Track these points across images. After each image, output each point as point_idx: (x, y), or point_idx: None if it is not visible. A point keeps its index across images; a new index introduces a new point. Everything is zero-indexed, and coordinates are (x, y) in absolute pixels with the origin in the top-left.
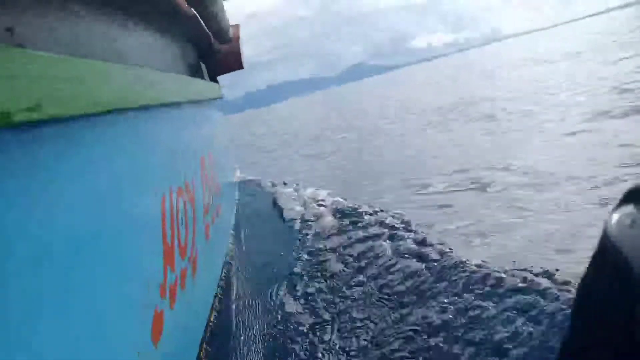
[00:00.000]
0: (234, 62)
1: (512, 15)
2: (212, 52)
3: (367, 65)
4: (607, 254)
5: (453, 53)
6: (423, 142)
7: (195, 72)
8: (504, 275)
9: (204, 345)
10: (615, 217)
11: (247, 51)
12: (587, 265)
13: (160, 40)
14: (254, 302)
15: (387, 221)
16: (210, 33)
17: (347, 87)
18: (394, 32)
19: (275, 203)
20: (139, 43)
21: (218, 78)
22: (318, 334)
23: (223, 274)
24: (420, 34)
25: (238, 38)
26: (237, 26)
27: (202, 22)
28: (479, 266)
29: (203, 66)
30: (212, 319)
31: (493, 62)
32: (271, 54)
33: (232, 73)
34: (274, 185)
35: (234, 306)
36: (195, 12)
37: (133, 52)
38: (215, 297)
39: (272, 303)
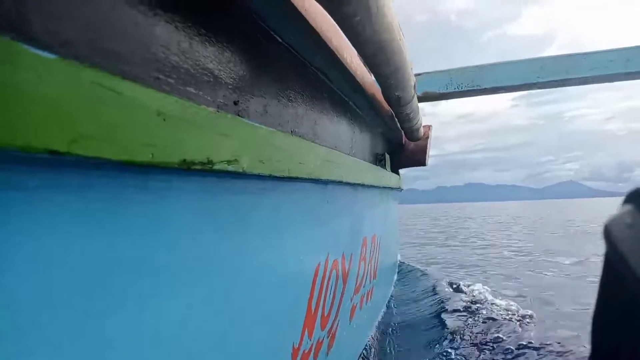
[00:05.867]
0: (418, 159)
1: None
2: (401, 147)
3: (580, 184)
4: (607, 254)
5: None
6: None
7: (379, 161)
8: None
9: None
10: (616, 217)
11: (455, 148)
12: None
13: (356, 130)
14: None
15: None
16: (402, 130)
17: (551, 203)
18: (619, 157)
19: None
20: (335, 128)
21: (401, 171)
22: None
23: None
24: None
25: (427, 137)
26: (428, 127)
27: (396, 120)
28: None
29: (388, 157)
30: None
31: None
32: (477, 154)
33: (432, 166)
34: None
35: None
36: (393, 112)
37: (329, 135)
38: None
39: None
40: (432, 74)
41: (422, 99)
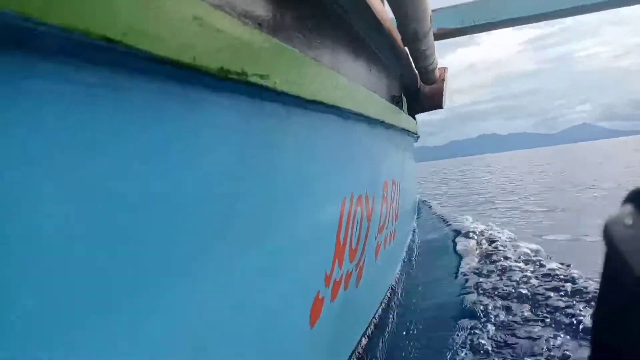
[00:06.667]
0: (435, 102)
1: None
2: (417, 89)
3: (594, 126)
4: (607, 254)
5: None
6: None
7: (396, 103)
8: None
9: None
10: (616, 217)
11: (465, 99)
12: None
13: (373, 68)
14: (410, 333)
15: None
16: (417, 72)
17: (566, 147)
18: (633, 94)
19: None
20: (353, 64)
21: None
22: None
23: (385, 299)
24: None
25: (443, 80)
26: (444, 68)
27: (411, 61)
28: None
29: (404, 100)
30: (367, 331)
31: None
32: (487, 104)
33: (442, 121)
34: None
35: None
36: (407, 51)
37: (347, 70)
38: (374, 315)
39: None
40: (445, 10)
41: (437, 36)
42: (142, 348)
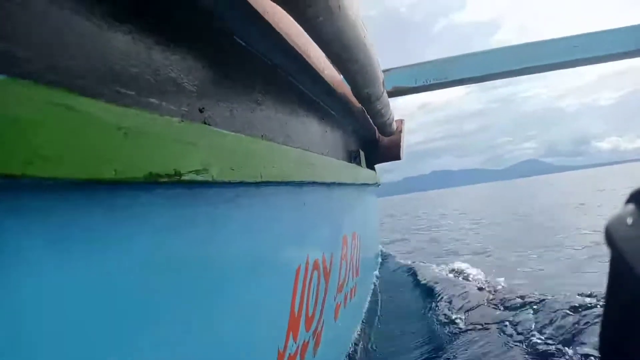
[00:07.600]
0: (392, 153)
1: None
2: (375, 142)
3: (540, 162)
4: (609, 254)
5: None
6: None
7: (354, 159)
8: None
9: None
10: (618, 217)
11: (418, 138)
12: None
13: (328, 128)
14: None
15: None
16: (375, 126)
17: (514, 182)
18: (575, 131)
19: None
20: (306, 129)
21: (376, 166)
22: None
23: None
24: (605, 135)
25: (400, 131)
26: (400, 121)
27: (368, 117)
28: None
29: (362, 154)
30: None
31: None
32: (438, 142)
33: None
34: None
35: None
36: (363, 108)
37: (300, 136)
38: None
39: None
40: (400, 69)
41: (392, 94)
42: None
